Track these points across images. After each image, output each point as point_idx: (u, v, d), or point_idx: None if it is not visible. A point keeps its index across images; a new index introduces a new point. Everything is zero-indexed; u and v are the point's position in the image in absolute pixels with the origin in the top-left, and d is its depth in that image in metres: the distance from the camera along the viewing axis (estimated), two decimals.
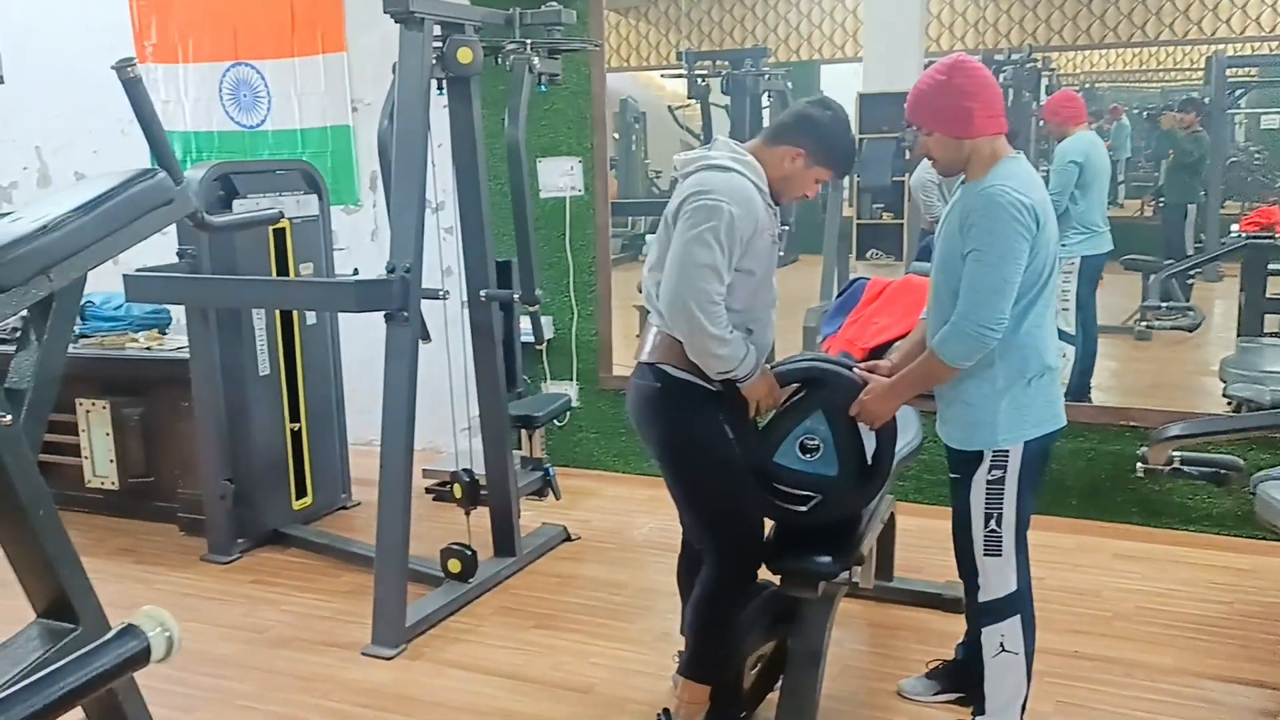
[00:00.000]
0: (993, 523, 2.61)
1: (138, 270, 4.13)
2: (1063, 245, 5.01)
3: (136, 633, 1.17)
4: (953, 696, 3.08)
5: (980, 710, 2.77)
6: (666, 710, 2.84)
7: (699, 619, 2.79)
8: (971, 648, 2.95)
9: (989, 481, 2.60)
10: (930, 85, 2.53)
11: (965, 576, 2.78)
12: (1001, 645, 2.68)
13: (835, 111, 2.72)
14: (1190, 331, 5.30)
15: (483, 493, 4.07)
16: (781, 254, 3.01)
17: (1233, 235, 5.36)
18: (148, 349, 4.78)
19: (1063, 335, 4.62)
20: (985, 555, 2.65)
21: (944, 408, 2.69)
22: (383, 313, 3.54)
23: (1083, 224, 4.92)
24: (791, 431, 2.70)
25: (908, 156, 5.76)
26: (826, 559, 2.72)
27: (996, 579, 2.66)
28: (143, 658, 1.16)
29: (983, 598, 2.70)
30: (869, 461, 2.74)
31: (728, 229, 2.50)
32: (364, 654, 3.51)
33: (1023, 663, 2.70)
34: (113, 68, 2.08)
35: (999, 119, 2.55)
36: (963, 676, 3.03)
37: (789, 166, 2.65)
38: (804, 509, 2.73)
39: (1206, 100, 6.04)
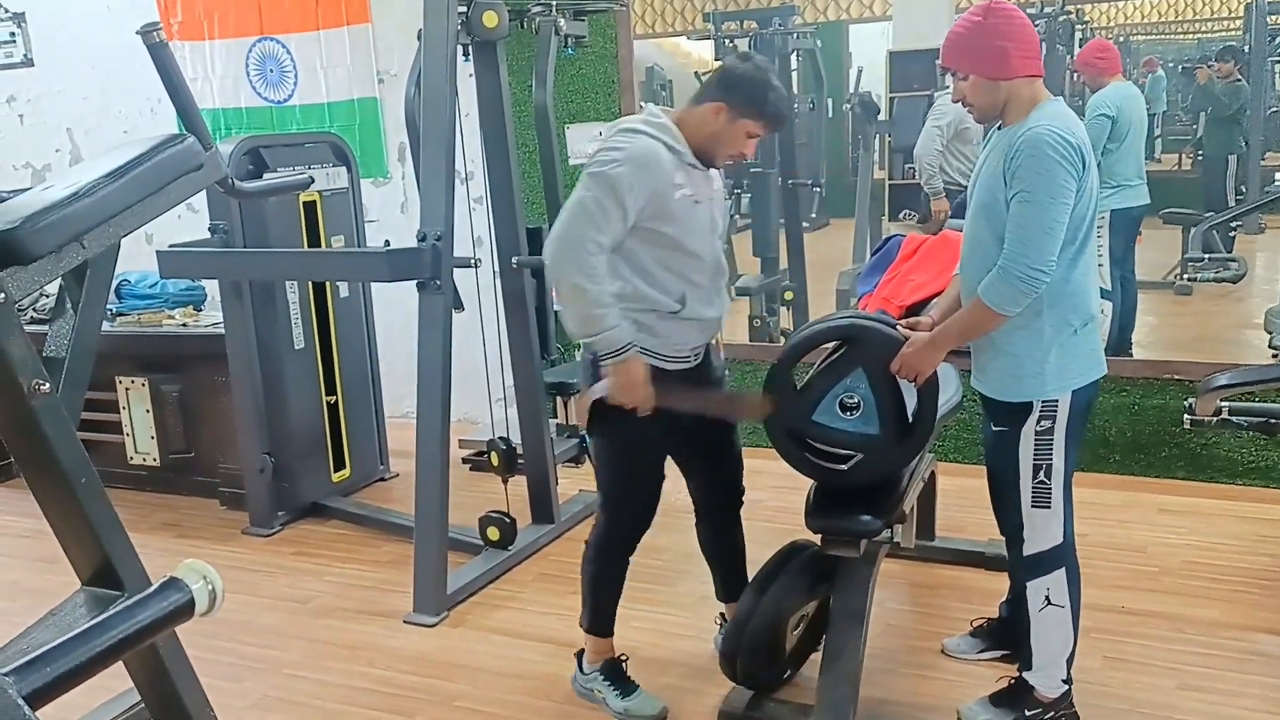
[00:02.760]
0: (1041, 474, 2.57)
1: (171, 247, 4.15)
2: None
3: (180, 585, 1.17)
4: (997, 654, 3.06)
5: (1027, 665, 2.74)
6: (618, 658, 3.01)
7: (585, 575, 2.97)
8: (1015, 605, 2.92)
9: (1038, 432, 2.55)
10: (966, 28, 2.49)
11: (1008, 532, 2.74)
12: (1047, 599, 2.65)
13: (755, 62, 2.68)
14: (1234, 283, 5.21)
15: (520, 461, 4.06)
16: (735, 218, 2.85)
17: (1276, 184, 5.25)
18: (184, 326, 4.81)
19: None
20: (1034, 507, 2.60)
21: (987, 360, 2.63)
22: (415, 282, 3.53)
23: (1114, 177, 4.82)
24: (831, 390, 2.67)
25: None
26: (867, 518, 2.69)
27: (1043, 531, 2.62)
28: (186, 610, 1.16)
29: (1028, 551, 2.66)
30: (910, 419, 2.70)
31: (611, 186, 2.50)
32: (406, 622, 3.54)
33: (1069, 616, 2.66)
34: (137, 32, 2.07)
35: (1035, 61, 2.49)
36: (1007, 634, 3.00)
37: (713, 123, 2.61)
38: (844, 467, 2.70)
39: (1246, 49, 5.90)
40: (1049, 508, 2.60)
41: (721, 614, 3.20)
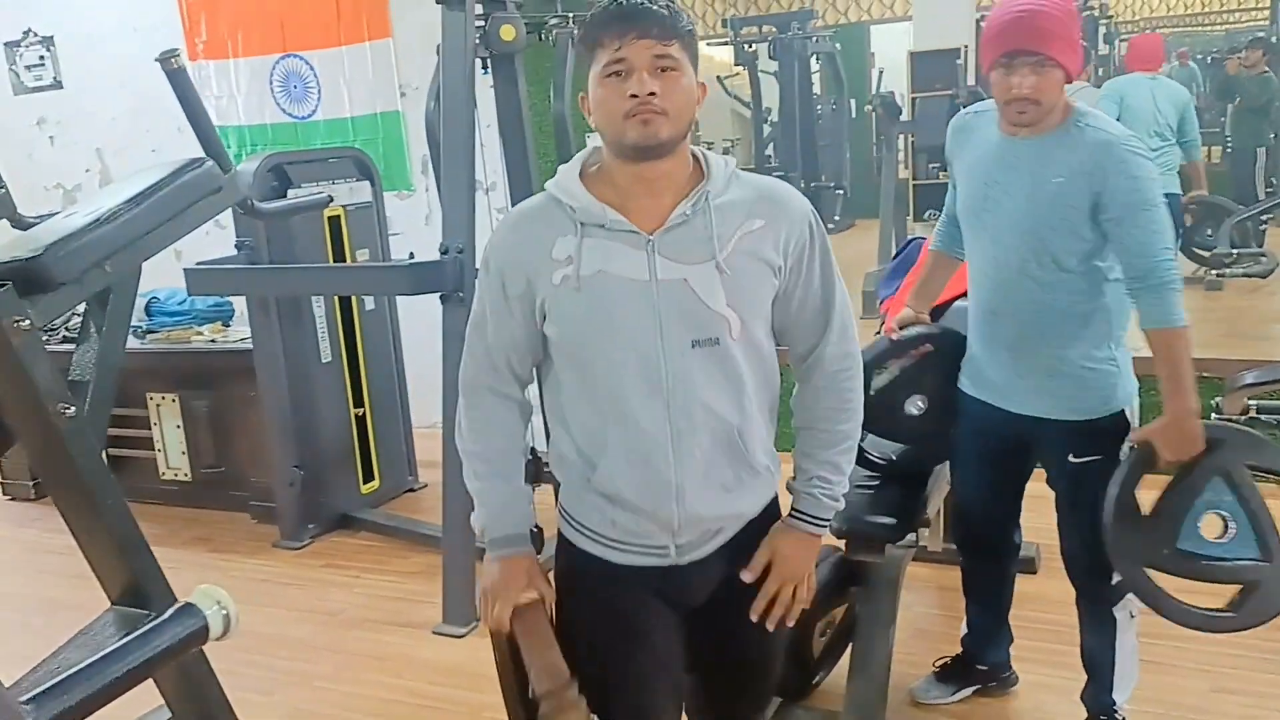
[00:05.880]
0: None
1: (198, 264, 4.20)
2: None
3: (194, 611, 1.19)
4: (970, 691, 2.93)
5: (1108, 691, 2.63)
6: None
7: None
8: (978, 634, 2.88)
9: (1131, 448, 2.37)
10: (1060, 11, 2.15)
11: (1097, 567, 2.48)
12: (1131, 613, 2.56)
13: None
14: (1264, 278, 5.15)
15: (545, 469, 4.06)
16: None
17: None
18: (212, 341, 4.87)
19: None
20: None
21: (1059, 385, 2.38)
22: (438, 294, 3.56)
23: None
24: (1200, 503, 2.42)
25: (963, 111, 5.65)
26: (892, 522, 2.69)
27: None
28: (201, 635, 1.18)
29: (1117, 578, 2.49)
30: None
31: (481, 281, 1.79)
32: (435, 633, 3.56)
33: None
34: (156, 60, 2.11)
35: None
36: (975, 669, 2.92)
37: (593, 109, 1.69)
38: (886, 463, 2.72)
39: (1275, 39, 5.85)
40: None
41: None
